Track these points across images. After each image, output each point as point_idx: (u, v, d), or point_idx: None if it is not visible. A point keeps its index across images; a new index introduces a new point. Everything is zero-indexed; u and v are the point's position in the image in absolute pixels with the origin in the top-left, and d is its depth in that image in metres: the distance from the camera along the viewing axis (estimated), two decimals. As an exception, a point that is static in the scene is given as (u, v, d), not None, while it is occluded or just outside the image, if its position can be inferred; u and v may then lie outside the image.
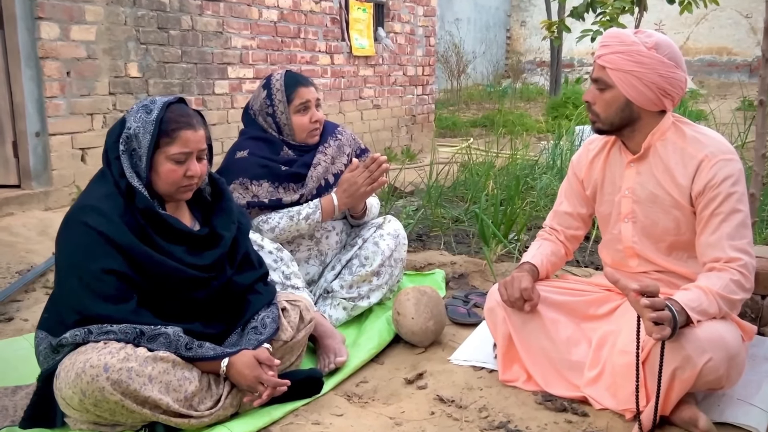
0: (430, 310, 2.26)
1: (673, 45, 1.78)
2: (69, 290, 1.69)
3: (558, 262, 2.11)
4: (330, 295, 2.42)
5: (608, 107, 1.82)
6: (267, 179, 2.31)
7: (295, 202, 2.32)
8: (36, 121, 3.59)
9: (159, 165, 1.73)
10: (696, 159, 1.77)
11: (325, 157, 2.42)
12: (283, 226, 2.29)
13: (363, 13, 6.24)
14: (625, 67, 1.76)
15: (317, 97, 2.42)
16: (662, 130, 1.83)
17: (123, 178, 1.71)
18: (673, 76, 1.74)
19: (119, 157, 1.72)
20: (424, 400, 1.91)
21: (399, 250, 2.52)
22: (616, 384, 1.78)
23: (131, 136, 1.71)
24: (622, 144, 1.92)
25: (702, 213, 1.75)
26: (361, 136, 6.39)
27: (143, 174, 1.72)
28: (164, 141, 1.72)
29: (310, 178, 2.35)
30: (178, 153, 1.73)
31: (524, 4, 16.24)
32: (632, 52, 1.75)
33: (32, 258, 3.05)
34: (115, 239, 1.68)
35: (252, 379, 1.72)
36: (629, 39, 1.76)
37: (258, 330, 1.80)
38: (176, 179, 1.74)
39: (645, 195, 1.85)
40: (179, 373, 1.67)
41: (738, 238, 1.70)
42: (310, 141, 2.40)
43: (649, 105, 1.78)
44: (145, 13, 4.11)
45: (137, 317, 1.68)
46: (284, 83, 2.37)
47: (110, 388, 1.54)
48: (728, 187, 1.71)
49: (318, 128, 2.41)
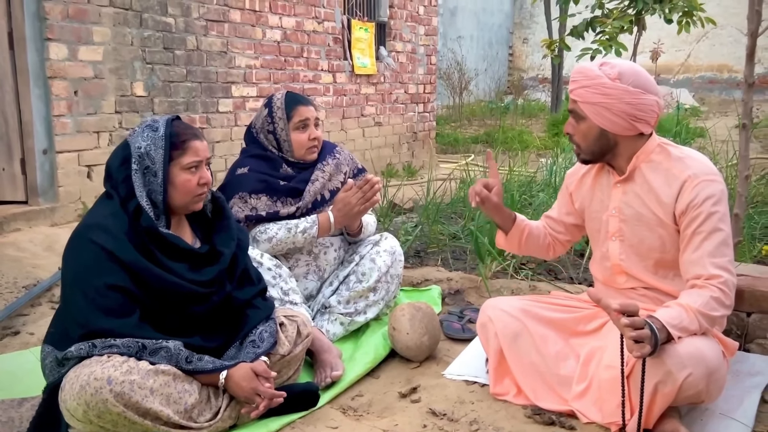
0: (424, 326, 2.32)
1: (639, 72, 1.84)
2: (74, 305, 1.76)
3: (537, 239, 2.18)
4: (327, 310, 2.48)
5: (586, 138, 1.91)
6: (266, 193, 2.40)
7: (291, 214, 2.40)
8: (44, 138, 3.68)
9: (175, 177, 1.81)
10: (679, 180, 1.84)
11: (323, 174, 2.49)
12: (280, 237, 2.37)
13: (365, 32, 6.36)
14: (592, 99, 1.84)
15: (316, 116, 2.50)
16: (647, 153, 1.90)
17: (131, 199, 1.79)
18: (641, 102, 1.82)
19: (127, 179, 1.80)
20: (417, 414, 1.97)
21: (395, 266, 2.58)
22: (602, 398, 1.83)
23: (143, 155, 1.80)
24: (609, 165, 1.99)
25: (685, 231, 1.81)
26: (362, 153, 6.48)
27: (159, 189, 1.80)
28: (176, 153, 1.82)
29: (308, 192, 2.43)
30: (192, 162, 1.83)
31: (526, 22, 16.39)
32: (597, 85, 1.83)
33: (38, 273, 3.12)
34: (119, 256, 1.75)
35: (249, 390, 1.78)
36: (593, 73, 1.85)
37: (256, 344, 1.87)
38: (192, 188, 1.84)
39: (631, 214, 1.92)
40: (179, 385, 1.73)
41: (719, 255, 1.76)
42: (308, 158, 2.49)
43: (623, 131, 1.86)
44: (151, 33, 4.21)
45: (139, 331, 1.75)
46: (285, 102, 2.47)
47: (113, 400, 1.61)
48: (710, 206, 1.78)
49: (316, 145, 2.50)
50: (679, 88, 13.70)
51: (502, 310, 2.08)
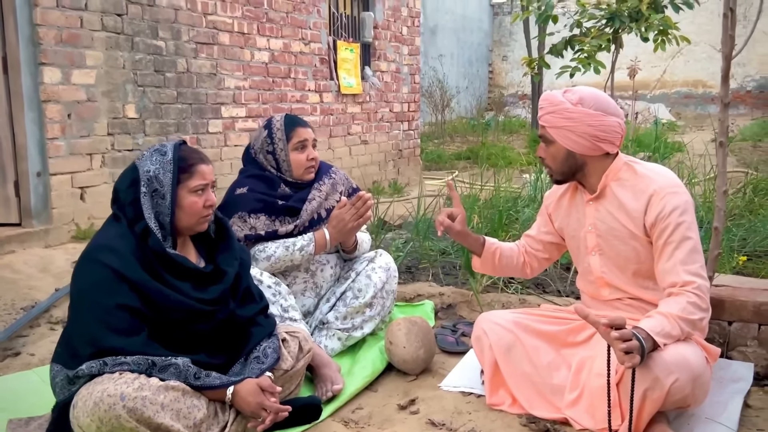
0: (420, 340, 2.40)
1: (599, 96, 1.97)
2: (84, 324, 1.81)
3: (509, 259, 2.29)
4: (325, 326, 2.55)
5: (555, 159, 2.03)
6: (264, 213, 2.47)
7: (289, 232, 2.47)
8: (37, 161, 3.72)
9: (182, 199, 1.88)
10: (646, 194, 1.95)
11: (320, 193, 2.57)
12: (278, 255, 2.44)
13: (350, 53, 6.47)
14: (558, 123, 1.97)
15: (313, 138, 2.59)
16: (615, 171, 2.02)
17: (139, 220, 1.85)
18: (603, 124, 1.94)
19: (135, 201, 1.86)
20: (416, 425, 2.04)
21: (390, 282, 2.66)
22: (594, 405, 1.92)
23: (152, 178, 1.86)
24: (581, 185, 2.11)
25: (657, 243, 1.92)
26: (349, 171, 6.57)
27: (167, 211, 1.86)
28: (184, 177, 1.89)
29: (305, 211, 2.51)
30: (198, 185, 1.90)
31: (505, 39, 16.68)
32: (561, 110, 1.96)
33: (35, 294, 3.15)
34: (128, 276, 1.81)
35: (256, 405, 1.84)
36: (557, 99, 1.98)
37: (260, 359, 1.93)
38: (198, 210, 1.91)
39: (605, 229, 2.03)
40: (189, 401, 1.79)
41: (690, 263, 1.87)
42: (306, 177, 2.57)
43: (589, 152, 1.98)
44: (142, 56, 4.28)
45: (149, 349, 1.80)
46: (284, 124, 2.55)
47: (126, 415, 1.66)
48: (677, 217, 1.89)
49: (313, 165, 2.58)
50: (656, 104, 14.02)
51: (496, 323, 2.17)
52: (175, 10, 4.51)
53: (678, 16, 4.52)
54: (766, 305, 2.37)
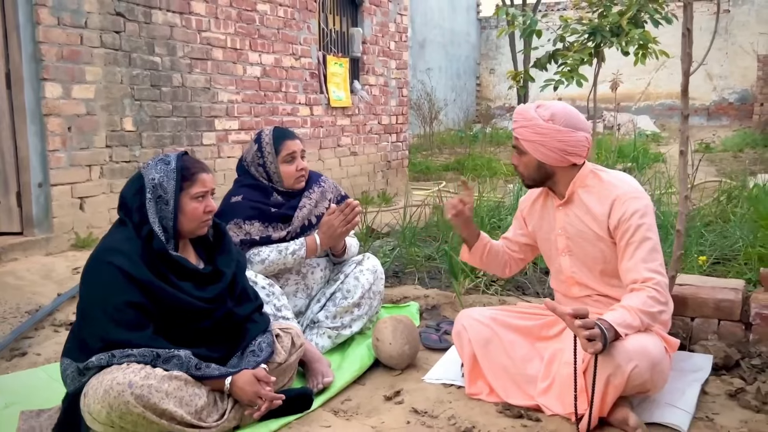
0: (405, 337, 2.56)
1: (570, 112, 2.16)
2: (94, 320, 1.97)
3: (498, 255, 2.49)
4: (316, 325, 2.71)
5: (527, 168, 2.22)
6: (258, 219, 2.63)
7: (282, 238, 2.64)
8: (39, 172, 3.88)
9: (185, 205, 2.05)
10: (610, 199, 2.14)
11: (310, 201, 2.74)
12: (272, 258, 2.60)
13: (339, 67, 6.67)
14: (530, 137, 2.16)
15: (302, 149, 2.76)
16: (582, 179, 2.21)
17: (144, 224, 2.01)
18: (572, 139, 2.13)
19: (140, 207, 2.02)
20: (401, 413, 2.20)
21: (377, 283, 2.83)
22: (563, 392, 2.09)
23: (156, 185, 2.03)
24: (551, 191, 2.29)
25: (620, 243, 2.11)
26: (339, 182, 6.74)
27: (170, 216, 2.03)
28: (186, 184, 2.06)
29: (296, 218, 2.68)
30: (199, 191, 2.07)
31: (493, 53, 16.96)
32: (533, 125, 2.15)
33: (38, 299, 3.29)
34: (134, 275, 1.97)
35: (252, 394, 2.00)
36: (530, 114, 2.17)
37: (256, 353, 2.10)
38: (199, 215, 2.08)
39: (574, 232, 2.22)
40: (191, 390, 1.95)
41: (650, 261, 2.06)
42: (297, 186, 2.73)
43: (557, 163, 2.17)
44: (139, 72, 4.45)
45: (154, 342, 1.96)
46: (273, 137, 2.72)
47: (134, 401, 1.82)
48: (637, 219, 2.08)
49: (303, 175, 2.75)
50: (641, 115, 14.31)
51: (475, 319, 2.34)
52: (170, 27, 4.68)
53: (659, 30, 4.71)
54: (725, 302, 2.56)
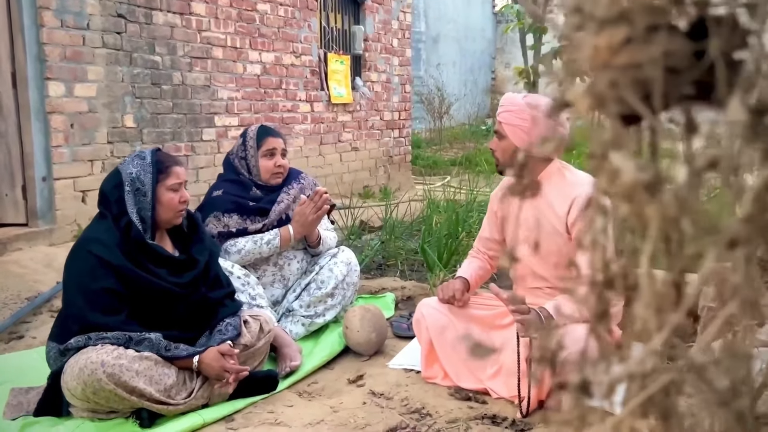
0: (372, 325, 2.72)
1: None
2: (74, 305, 2.16)
3: (484, 274, 2.63)
4: (291, 313, 2.88)
5: (504, 153, 2.34)
6: (237, 212, 2.81)
7: (258, 230, 2.81)
8: (43, 167, 4.09)
9: (161, 196, 2.23)
10: (571, 197, 2.27)
11: (288, 196, 2.91)
12: (248, 249, 2.77)
13: (341, 64, 6.82)
14: (513, 122, 2.28)
15: (283, 147, 2.92)
16: (549, 174, 2.34)
17: (122, 216, 2.19)
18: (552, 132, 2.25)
19: (119, 200, 2.20)
20: (360, 394, 2.37)
21: (351, 275, 2.99)
22: (509, 377, 2.24)
23: (134, 179, 2.21)
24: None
25: (575, 240, 2.24)
26: (340, 177, 6.90)
27: (148, 206, 2.21)
28: (162, 176, 2.24)
29: (273, 212, 2.85)
30: (175, 183, 2.25)
31: (508, 48, 16.97)
32: (518, 111, 2.28)
33: (39, 287, 3.50)
34: (112, 263, 2.15)
35: (218, 368, 2.18)
36: (516, 101, 2.29)
37: (222, 332, 2.28)
38: (175, 205, 2.26)
39: (534, 224, 2.35)
40: (160, 369, 2.13)
41: None
42: (273, 182, 2.90)
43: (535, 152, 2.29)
44: (140, 71, 4.65)
45: (127, 326, 2.14)
46: (257, 133, 2.90)
47: (106, 379, 2.00)
48: None
49: (280, 172, 2.91)
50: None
51: (433, 308, 2.49)
52: (171, 28, 4.87)
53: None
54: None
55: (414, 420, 2.15)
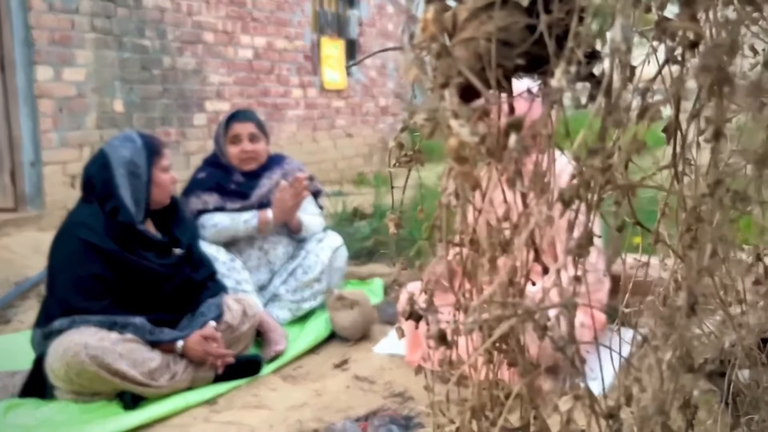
0: (358, 309, 2.73)
1: None
2: (60, 289, 2.16)
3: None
4: (277, 298, 2.88)
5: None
6: (217, 193, 2.83)
7: (236, 210, 2.82)
8: (31, 152, 4.08)
9: (157, 178, 2.25)
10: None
11: (270, 181, 2.90)
12: (224, 224, 2.78)
13: (335, 49, 6.79)
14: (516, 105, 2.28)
15: (251, 132, 2.89)
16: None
17: (109, 199, 2.19)
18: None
19: (106, 183, 2.20)
20: (344, 379, 2.38)
21: (338, 260, 2.99)
22: (492, 361, 2.25)
23: (129, 162, 2.21)
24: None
25: None
26: (334, 163, 6.90)
27: (143, 189, 2.21)
28: (156, 158, 2.25)
29: (254, 195, 2.86)
30: (168, 164, 2.28)
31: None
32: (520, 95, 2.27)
33: (27, 272, 3.50)
34: (100, 247, 2.15)
35: (202, 353, 2.19)
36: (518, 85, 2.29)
37: (204, 314, 2.29)
38: (168, 185, 2.29)
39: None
40: (144, 352, 2.13)
41: None
42: (245, 167, 2.89)
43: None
44: (129, 55, 4.62)
45: (110, 311, 2.15)
46: (226, 118, 2.92)
47: (89, 361, 2.00)
48: None
49: (249, 157, 2.88)
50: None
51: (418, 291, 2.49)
52: (161, 12, 4.84)
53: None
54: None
55: (396, 403, 2.16)
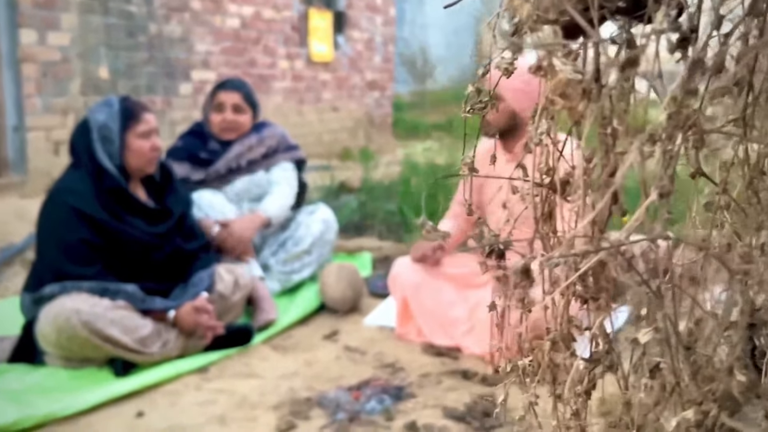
0: (347, 281, 2.74)
1: None
2: (49, 255, 2.14)
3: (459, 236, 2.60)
4: (267, 269, 2.88)
5: (499, 116, 2.32)
6: (188, 161, 2.84)
7: (200, 180, 2.82)
8: (14, 116, 3.99)
9: (131, 143, 2.21)
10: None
11: (242, 147, 2.89)
12: None
13: (322, 21, 6.71)
14: (516, 85, 2.27)
15: (235, 102, 2.88)
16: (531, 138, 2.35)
17: (93, 164, 2.16)
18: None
19: (88, 147, 2.17)
20: (334, 349, 2.40)
21: (328, 232, 3.00)
22: (482, 334, 2.28)
23: (102, 126, 2.18)
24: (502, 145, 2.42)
25: None
26: (319, 137, 6.85)
27: (115, 154, 2.18)
28: (131, 123, 2.21)
29: (221, 160, 2.85)
30: (145, 130, 2.23)
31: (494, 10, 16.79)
32: (521, 73, 2.26)
33: (11, 238, 3.46)
34: (88, 213, 2.14)
35: (193, 324, 2.19)
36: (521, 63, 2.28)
37: (195, 284, 2.29)
38: (145, 152, 2.24)
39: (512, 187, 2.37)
40: (136, 320, 2.13)
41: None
42: (223, 136, 2.89)
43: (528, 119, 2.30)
44: (115, 21, 4.53)
45: (102, 278, 2.14)
46: (213, 87, 2.92)
47: (80, 326, 2.00)
48: None
49: (228, 128, 2.88)
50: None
51: (408, 266, 2.51)
52: (148, -23, 4.74)
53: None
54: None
55: (387, 373, 2.19)
